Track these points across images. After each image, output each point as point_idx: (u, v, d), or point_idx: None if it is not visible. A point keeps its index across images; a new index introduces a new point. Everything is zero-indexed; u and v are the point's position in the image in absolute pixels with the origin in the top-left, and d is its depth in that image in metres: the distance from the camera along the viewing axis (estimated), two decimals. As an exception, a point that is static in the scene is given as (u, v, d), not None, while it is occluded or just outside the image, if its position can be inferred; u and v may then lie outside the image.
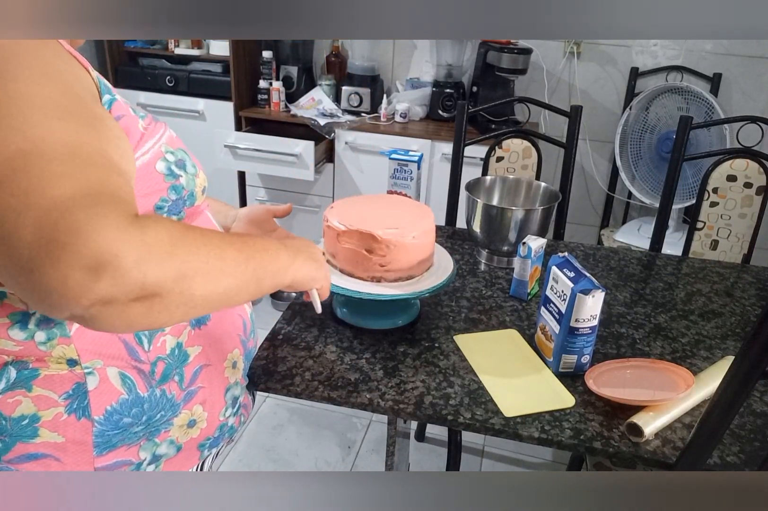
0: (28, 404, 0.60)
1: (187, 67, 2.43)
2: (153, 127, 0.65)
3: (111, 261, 0.43)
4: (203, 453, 0.75)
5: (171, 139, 0.67)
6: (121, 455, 0.65)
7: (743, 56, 2.22)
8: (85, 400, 0.62)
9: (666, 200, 1.54)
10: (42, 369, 0.61)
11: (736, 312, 1.18)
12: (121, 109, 0.60)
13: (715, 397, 0.70)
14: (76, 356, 0.62)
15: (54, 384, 0.61)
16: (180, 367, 0.70)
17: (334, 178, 2.41)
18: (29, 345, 0.60)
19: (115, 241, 0.44)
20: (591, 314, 0.89)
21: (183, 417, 0.70)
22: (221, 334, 0.76)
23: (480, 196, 1.38)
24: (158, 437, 0.68)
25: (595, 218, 2.61)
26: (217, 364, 0.75)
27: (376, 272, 0.94)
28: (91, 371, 0.63)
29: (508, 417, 0.85)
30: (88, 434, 0.63)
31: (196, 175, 0.68)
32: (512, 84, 2.30)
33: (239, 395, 0.81)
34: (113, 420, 0.64)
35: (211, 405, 0.74)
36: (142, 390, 0.66)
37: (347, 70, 2.46)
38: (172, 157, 0.65)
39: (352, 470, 1.73)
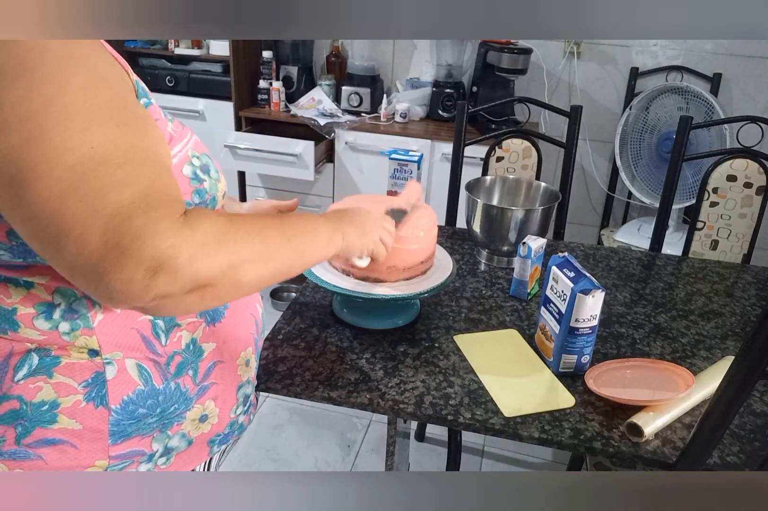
0: (48, 391, 0.62)
1: (187, 67, 2.43)
2: (181, 131, 0.66)
3: (167, 262, 0.48)
4: (212, 449, 0.77)
5: (197, 144, 0.69)
6: (134, 444, 0.67)
7: (743, 56, 2.22)
8: (104, 389, 0.64)
9: (666, 200, 1.54)
10: (63, 357, 0.63)
11: (736, 312, 1.18)
12: (156, 112, 0.62)
13: (715, 397, 0.70)
14: (97, 347, 0.64)
15: (74, 372, 0.63)
16: (195, 362, 0.71)
17: (334, 178, 2.41)
18: (53, 335, 0.62)
19: (171, 244, 0.48)
20: (591, 314, 0.89)
21: (195, 411, 0.72)
22: (235, 332, 0.78)
23: (480, 196, 1.38)
24: (171, 430, 0.70)
25: (595, 218, 2.61)
26: (230, 361, 0.77)
27: (375, 273, 0.94)
28: (110, 361, 0.65)
29: (508, 417, 0.85)
30: (104, 422, 0.64)
31: (218, 181, 0.70)
32: (512, 84, 2.30)
33: (250, 393, 0.82)
34: (129, 410, 0.66)
35: (223, 401, 0.75)
36: (157, 382, 0.68)
37: (347, 70, 2.46)
38: (197, 162, 0.67)
39: (352, 470, 1.73)
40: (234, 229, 0.54)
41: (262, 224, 0.59)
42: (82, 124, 0.48)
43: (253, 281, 0.56)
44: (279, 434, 1.85)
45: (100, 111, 0.50)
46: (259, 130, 2.40)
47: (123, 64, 0.58)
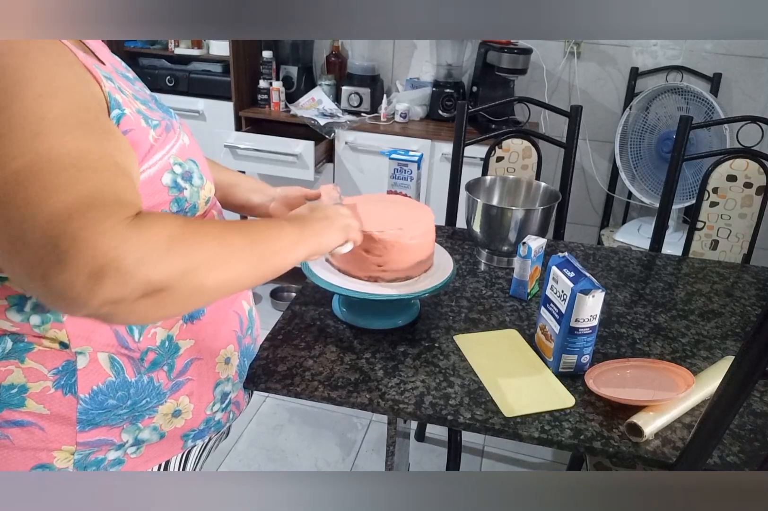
0: (18, 375, 0.63)
1: (187, 67, 2.43)
2: (164, 138, 0.65)
3: (111, 264, 0.46)
4: (186, 443, 0.77)
5: (182, 149, 0.68)
6: (103, 434, 0.68)
7: (743, 56, 2.22)
8: (73, 377, 0.65)
9: (666, 200, 1.54)
10: (36, 344, 0.64)
11: (736, 312, 1.18)
12: (130, 123, 0.61)
13: (715, 397, 0.70)
14: (66, 340, 0.64)
15: (45, 359, 0.64)
16: (171, 358, 0.72)
17: (334, 178, 2.41)
18: (25, 326, 0.63)
19: (113, 245, 0.46)
20: (591, 314, 0.89)
21: (168, 406, 0.72)
22: (215, 329, 0.77)
23: (480, 196, 1.38)
24: (142, 422, 0.70)
25: (595, 218, 2.61)
26: (209, 358, 0.76)
27: (373, 272, 0.94)
28: (82, 352, 0.65)
29: (508, 417, 0.85)
30: (72, 410, 0.65)
31: (201, 187, 0.69)
32: (512, 84, 2.30)
33: (230, 391, 0.81)
34: (98, 400, 0.66)
35: (198, 398, 0.75)
36: (129, 375, 0.68)
37: (347, 70, 2.46)
38: (179, 170, 0.66)
39: (352, 470, 1.73)
40: (189, 233, 0.52)
41: (222, 227, 0.57)
42: (32, 132, 0.48)
43: (215, 285, 0.54)
44: (279, 434, 1.85)
45: (53, 119, 0.50)
46: (259, 130, 2.40)
47: (96, 76, 0.58)
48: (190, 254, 0.51)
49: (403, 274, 0.95)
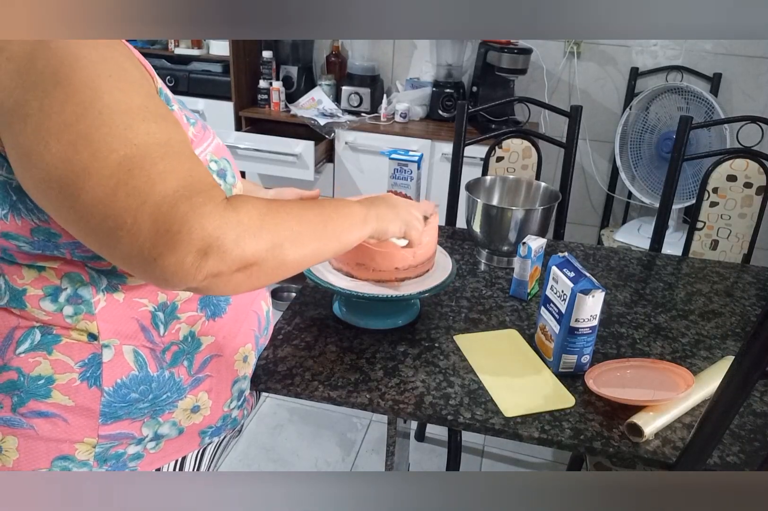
0: (46, 366, 0.65)
1: (187, 67, 2.43)
2: (202, 135, 0.68)
3: (215, 243, 0.51)
4: (204, 440, 0.78)
5: (217, 148, 0.70)
6: (124, 427, 0.69)
7: (743, 56, 2.22)
8: (99, 370, 0.66)
9: (666, 200, 1.54)
10: (64, 336, 0.66)
11: (736, 312, 1.18)
12: (178, 118, 0.63)
13: (715, 397, 0.70)
14: (96, 332, 0.66)
15: (73, 351, 0.66)
16: (191, 353, 0.73)
17: (334, 178, 2.41)
18: (57, 317, 0.65)
19: (217, 225, 0.51)
20: (591, 314, 0.89)
21: (188, 401, 0.73)
22: (235, 328, 0.78)
23: (480, 196, 1.38)
24: (162, 417, 0.71)
25: (595, 218, 2.61)
26: (228, 356, 0.78)
27: (374, 273, 0.94)
28: (108, 345, 0.67)
29: (508, 417, 0.85)
30: (96, 402, 0.66)
31: (233, 186, 0.71)
32: (512, 84, 2.30)
33: (246, 388, 0.83)
34: (121, 393, 0.68)
35: (217, 394, 0.76)
36: (152, 369, 0.70)
37: (347, 70, 2.46)
38: (215, 167, 0.68)
39: (352, 470, 1.73)
40: (273, 212, 0.57)
41: (300, 207, 0.62)
42: (123, 123, 0.52)
43: (295, 260, 0.59)
44: (279, 434, 1.85)
45: (137, 110, 0.53)
46: (259, 130, 2.40)
47: (149, 70, 0.60)
48: (276, 232, 0.56)
49: (403, 274, 0.95)
